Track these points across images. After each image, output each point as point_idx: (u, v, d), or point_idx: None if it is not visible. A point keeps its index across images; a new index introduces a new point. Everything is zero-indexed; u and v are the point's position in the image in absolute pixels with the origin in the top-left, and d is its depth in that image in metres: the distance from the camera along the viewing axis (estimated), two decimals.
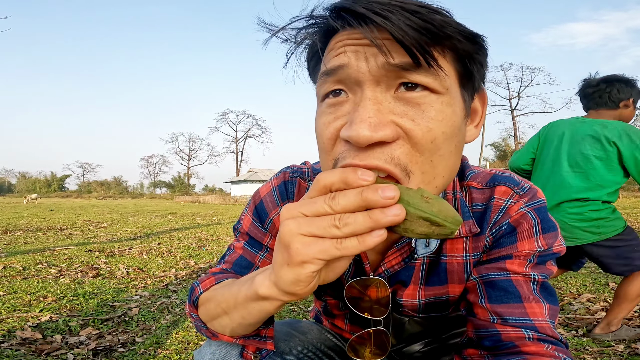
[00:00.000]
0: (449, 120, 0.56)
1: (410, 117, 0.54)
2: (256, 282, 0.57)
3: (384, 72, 0.53)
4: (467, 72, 0.59)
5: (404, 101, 0.54)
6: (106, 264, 4.76)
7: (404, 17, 0.50)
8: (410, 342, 0.91)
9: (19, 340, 2.28)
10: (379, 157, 0.53)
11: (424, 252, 0.74)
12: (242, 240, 0.87)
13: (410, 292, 0.80)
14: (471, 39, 0.56)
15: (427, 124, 0.54)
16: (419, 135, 0.54)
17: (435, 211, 0.46)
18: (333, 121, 0.57)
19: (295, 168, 0.88)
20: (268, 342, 0.74)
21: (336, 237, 0.46)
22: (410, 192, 0.47)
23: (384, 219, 0.44)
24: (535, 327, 0.67)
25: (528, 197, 0.73)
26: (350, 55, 0.55)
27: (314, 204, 0.47)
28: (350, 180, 0.46)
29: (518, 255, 0.71)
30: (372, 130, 0.51)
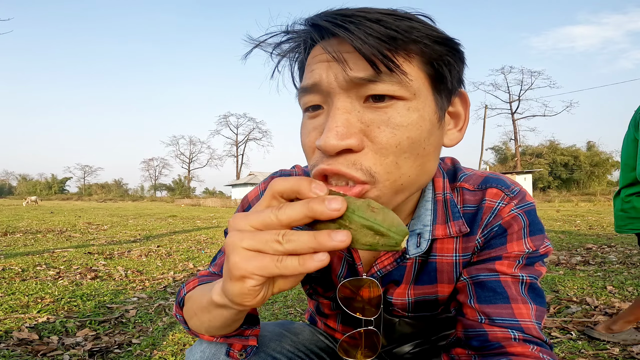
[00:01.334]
0: (415, 124, 0.58)
1: (376, 125, 0.58)
2: (214, 289, 0.58)
3: (352, 85, 0.57)
4: (439, 75, 0.61)
5: (372, 109, 0.58)
6: (105, 266, 4.76)
7: (364, 27, 0.53)
8: (400, 343, 0.92)
9: (16, 341, 2.28)
10: (343, 162, 0.57)
11: (415, 252, 0.75)
12: None
13: (400, 291, 0.81)
14: (441, 42, 0.59)
15: (392, 130, 0.57)
16: (383, 141, 0.57)
17: (379, 219, 0.45)
18: (312, 131, 0.62)
19: (284, 172, 0.89)
20: (250, 339, 0.75)
21: (277, 253, 0.44)
22: (358, 202, 0.46)
23: (328, 242, 0.43)
24: (521, 328, 0.68)
25: (518, 199, 0.74)
26: (321, 71, 0.59)
27: (261, 214, 0.47)
28: (302, 190, 0.46)
29: (507, 256, 0.72)
30: (339, 139, 0.55)
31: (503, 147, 51.06)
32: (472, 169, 0.83)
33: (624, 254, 5.20)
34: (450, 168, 0.82)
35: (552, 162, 44.48)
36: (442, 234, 0.75)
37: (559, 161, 44.23)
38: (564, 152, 45.01)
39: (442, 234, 0.75)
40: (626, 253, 5.28)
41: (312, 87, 0.60)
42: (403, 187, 0.61)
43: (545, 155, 45.48)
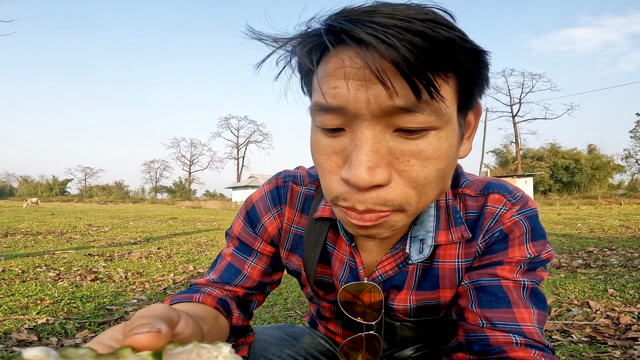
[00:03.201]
0: (444, 155, 0.56)
1: (406, 157, 0.54)
2: None
3: (386, 112, 0.51)
4: (467, 94, 0.57)
5: (402, 139, 0.54)
6: (105, 268, 4.75)
7: (409, 43, 0.46)
8: (401, 347, 0.91)
9: (15, 342, 2.27)
10: (374, 201, 0.55)
11: (417, 258, 0.75)
12: (231, 246, 0.88)
13: (402, 297, 0.80)
14: (475, 56, 0.52)
15: (422, 163, 0.55)
16: (412, 175, 0.55)
17: None
18: (332, 155, 0.57)
19: (288, 173, 0.88)
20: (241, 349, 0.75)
21: None
22: None
23: None
24: (523, 332, 0.68)
25: (520, 205, 0.74)
26: (350, 89, 0.51)
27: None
28: None
29: (509, 261, 0.72)
30: (371, 175, 0.52)
31: (504, 150, 51.05)
32: (474, 175, 0.83)
33: (625, 257, 5.19)
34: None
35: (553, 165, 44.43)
36: (445, 240, 0.75)
37: (560, 164, 44.17)
38: (565, 155, 44.96)
39: (445, 240, 0.75)
40: (627, 256, 5.27)
41: (336, 109, 0.53)
42: (424, 208, 0.62)
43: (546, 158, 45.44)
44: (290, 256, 0.86)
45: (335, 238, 0.81)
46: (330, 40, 0.51)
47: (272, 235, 0.86)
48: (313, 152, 0.61)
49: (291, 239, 0.85)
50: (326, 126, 0.56)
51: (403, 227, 0.74)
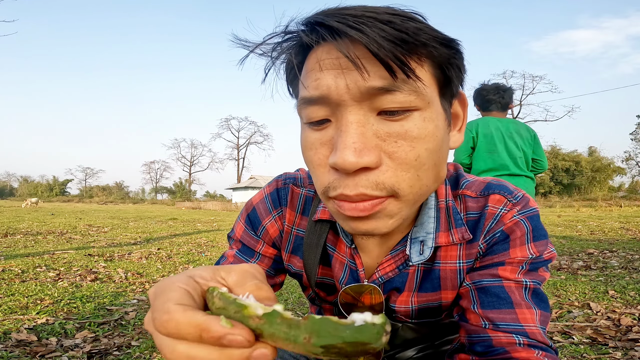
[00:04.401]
0: (431, 135, 0.57)
1: (393, 139, 0.55)
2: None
3: (367, 95, 0.53)
4: (446, 79, 0.59)
5: (387, 121, 0.55)
6: (105, 268, 4.75)
7: (377, 29, 0.49)
8: (403, 348, 0.91)
9: (14, 342, 2.27)
10: (365, 184, 0.54)
11: (418, 260, 0.74)
12: (234, 248, 0.87)
13: (403, 299, 0.80)
14: (446, 44, 0.56)
15: (410, 143, 0.55)
16: (402, 156, 0.55)
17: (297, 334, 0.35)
18: (320, 147, 0.59)
19: (288, 175, 0.88)
20: None
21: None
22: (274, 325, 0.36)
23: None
24: (525, 333, 0.67)
25: (521, 205, 0.74)
26: (329, 78, 0.54)
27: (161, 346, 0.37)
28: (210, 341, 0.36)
29: (510, 262, 0.71)
30: (357, 156, 0.52)
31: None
32: (473, 176, 0.82)
33: (626, 259, 5.18)
34: (452, 175, 0.81)
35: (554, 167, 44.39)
36: (445, 242, 0.74)
37: (560, 166, 44.13)
38: (566, 158, 44.93)
39: (445, 241, 0.74)
40: (628, 258, 5.27)
41: (319, 98, 0.55)
42: (422, 197, 0.61)
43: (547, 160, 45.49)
44: (292, 258, 0.86)
45: (335, 240, 0.81)
46: (307, 35, 0.54)
47: (273, 238, 0.85)
48: (303, 150, 0.62)
49: (292, 241, 0.85)
50: (312, 119, 0.58)
51: (402, 227, 0.73)
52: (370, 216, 0.58)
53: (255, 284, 0.41)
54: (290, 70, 0.63)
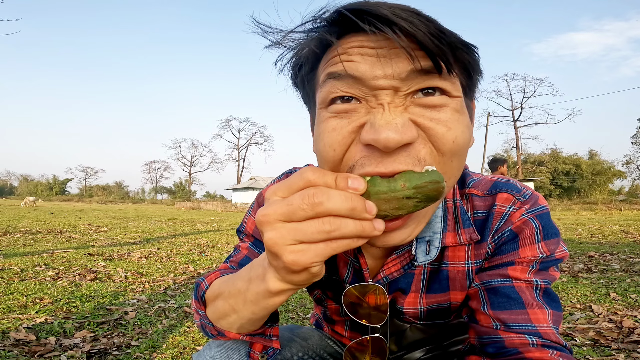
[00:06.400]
0: (463, 122, 0.57)
1: (428, 118, 0.54)
2: (268, 281, 0.55)
3: (405, 79, 0.53)
4: (470, 82, 0.60)
5: (421, 105, 0.54)
6: (105, 267, 4.74)
7: (425, 25, 0.50)
8: (411, 349, 0.90)
9: (13, 342, 2.25)
10: (404, 161, 0.53)
11: (424, 260, 0.73)
12: (247, 241, 0.87)
13: (411, 300, 0.79)
14: (470, 49, 0.56)
15: (446, 123, 0.55)
16: (439, 133, 0.54)
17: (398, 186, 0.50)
18: (346, 125, 0.56)
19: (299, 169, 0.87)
20: (274, 341, 0.72)
21: (328, 239, 0.46)
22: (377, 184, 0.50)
23: (372, 232, 0.47)
24: (538, 333, 0.66)
25: (530, 203, 0.73)
26: (367, 65, 0.53)
27: (293, 208, 0.47)
28: (340, 186, 0.48)
29: (520, 261, 0.70)
30: (400, 133, 0.51)
31: (505, 155, 51.06)
32: (480, 174, 0.81)
33: (627, 262, 5.17)
34: None
35: (554, 170, 44.45)
36: (452, 242, 0.73)
37: (560, 169, 44.19)
38: (566, 161, 44.98)
39: (452, 241, 0.73)
40: (628, 261, 5.26)
41: (353, 78, 0.54)
42: (448, 190, 0.60)
43: (547, 163, 45.47)
44: None
45: None
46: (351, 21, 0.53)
47: None
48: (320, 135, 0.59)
49: None
50: (338, 93, 0.56)
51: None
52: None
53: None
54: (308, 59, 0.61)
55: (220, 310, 0.68)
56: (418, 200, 0.49)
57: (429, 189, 0.48)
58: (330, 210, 0.45)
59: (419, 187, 0.48)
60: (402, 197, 0.49)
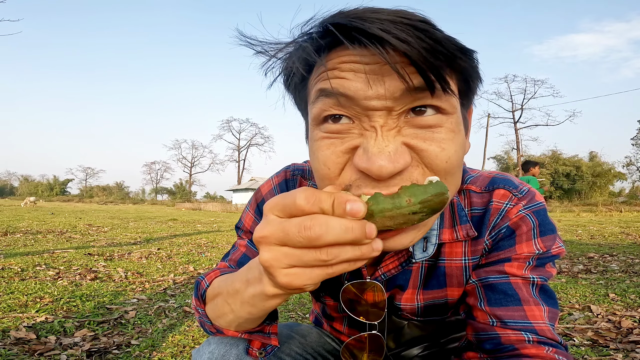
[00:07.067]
0: (457, 139, 0.56)
1: (422, 138, 0.53)
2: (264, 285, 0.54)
3: (398, 98, 0.51)
4: (468, 90, 0.60)
5: (414, 124, 0.54)
6: (105, 267, 4.74)
7: (418, 39, 0.47)
8: (409, 346, 0.90)
9: (13, 340, 2.26)
10: (399, 183, 0.52)
11: (421, 257, 0.74)
12: (245, 238, 0.87)
13: (408, 296, 0.79)
14: (468, 55, 0.55)
15: (439, 144, 0.54)
16: (432, 155, 0.54)
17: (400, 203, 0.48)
18: (340, 145, 0.55)
19: (297, 166, 0.88)
20: (272, 338, 0.73)
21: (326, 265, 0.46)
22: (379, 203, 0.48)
23: (371, 254, 0.46)
24: (535, 330, 0.67)
25: (527, 199, 0.73)
26: (358, 83, 0.52)
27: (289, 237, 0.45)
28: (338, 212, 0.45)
29: (517, 258, 0.71)
30: (393, 162, 0.50)
31: (505, 157, 50.95)
32: (478, 170, 0.81)
33: (626, 263, 5.17)
34: None
35: (554, 172, 44.33)
36: (449, 238, 0.74)
37: (561, 171, 44.07)
38: (566, 162, 44.87)
39: (449, 238, 0.74)
40: (628, 262, 5.25)
41: (344, 97, 0.52)
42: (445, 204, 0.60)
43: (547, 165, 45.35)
44: None
45: None
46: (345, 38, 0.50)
47: None
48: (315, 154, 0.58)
49: None
50: (330, 112, 0.55)
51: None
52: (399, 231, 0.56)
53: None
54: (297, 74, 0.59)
55: (218, 309, 0.68)
56: (424, 214, 0.48)
57: (434, 202, 0.47)
58: (328, 242, 0.44)
59: (425, 202, 0.47)
60: (408, 213, 0.48)
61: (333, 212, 0.44)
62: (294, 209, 0.46)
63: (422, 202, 0.47)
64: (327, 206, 0.45)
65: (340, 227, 0.43)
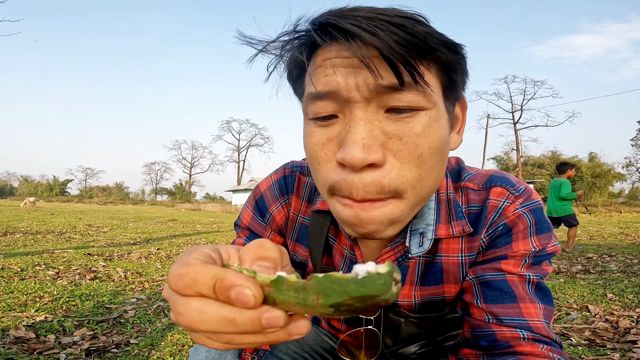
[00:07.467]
0: (435, 134, 0.58)
1: (398, 137, 0.56)
2: None
3: (375, 93, 0.54)
4: (451, 83, 0.61)
5: (393, 119, 0.56)
6: (104, 267, 4.75)
7: (390, 33, 0.50)
8: (406, 343, 0.91)
9: (12, 339, 2.27)
10: (370, 188, 0.56)
11: (417, 252, 0.74)
12: (243, 236, 0.88)
13: (406, 292, 0.80)
14: (453, 49, 0.57)
15: (414, 141, 0.56)
16: (406, 154, 0.56)
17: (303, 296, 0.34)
18: (326, 143, 0.59)
19: (295, 163, 0.88)
20: None
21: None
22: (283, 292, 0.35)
23: (287, 338, 0.36)
24: (530, 327, 0.67)
25: (524, 197, 0.73)
26: (339, 77, 0.55)
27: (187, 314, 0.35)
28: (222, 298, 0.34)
29: (513, 255, 0.71)
30: (366, 152, 0.53)
31: (505, 158, 50.94)
32: (476, 168, 0.82)
33: (625, 263, 5.18)
34: (454, 167, 0.81)
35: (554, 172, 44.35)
36: (445, 234, 0.74)
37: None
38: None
39: (445, 233, 0.74)
40: (627, 262, 5.27)
41: (328, 94, 0.56)
42: (423, 199, 0.62)
43: (547, 166, 45.37)
44: (297, 247, 0.86)
45: (336, 231, 0.81)
46: (319, 34, 0.55)
47: (279, 225, 0.86)
48: (307, 146, 0.62)
49: (297, 229, 0.85)
50: (319, 114, 0.59)
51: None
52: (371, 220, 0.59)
53: (258, 242, 0.39)
54: (295, 68, 0.64)
55: None
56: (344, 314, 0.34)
57: (356, 306, 0.33)
58: (206, 331, 0.35)
59: (339, 306, 0.32)
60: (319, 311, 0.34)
61: (215, 296, 0.34)
62: (170, 286, 0.37)
63: (336, 306, 0.32)
64: (206, 290, 0.34)
65: (218, 319, 0.34)
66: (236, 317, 0.34)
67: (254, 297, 0.33)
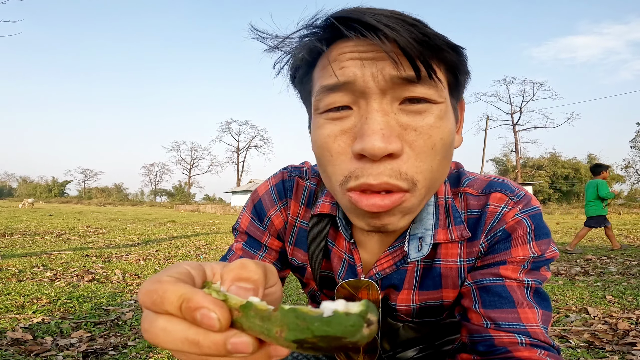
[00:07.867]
0: (446, 127, 0.60)
1: (412, 128, 0.58)
2: None
3: (391, 85, 0.56)
4: (457, 82, 0.63)
5: (407, 112, 0.58)
6: (102, 269, 4.74)
7: (408, 30, 0.53)
8: (404, 347, 0.91)
9: (9, 341, 2.26)
10: (389, 173, 0.56)
11: (416, 256, 0.74)
12: (241, 240, 0.87)
13: (404, 297, 0.80)
14: (456, 50, 0.59)
15: (427, 132, 0.58)
16: (420, 144, 0.58)
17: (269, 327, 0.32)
18: (340, 135, 0.60)
19: (294, 167, 0.88)
20: None
21: None
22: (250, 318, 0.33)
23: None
24: (527, 333, 0.67)
25: (523, 203, 0.74)
26: (356, 68, 0.57)
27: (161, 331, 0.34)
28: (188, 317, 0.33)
29: (512, 261, 0.71)
30: (386, 142, 0.54)
31: (504, 159, 51.05)
32: (476, 174, 0.82)
33: (624, 265, 5.19)
34: (453, 172, 0.81)
35: (553, 174, 44.45)
36: (444, 239, 0.74)
37: (559, 174, 44.18)
38: (565, 165, 44.99)
39: (444, 238, 0.74)
40: (626, 264, 5.27)
41: (344, 85, 0.58)
42: (432, 190, 0.63)
43: (546, 167, 45.48)
44: (295, 251, 0.86)
45: (335, 234, 0.81)
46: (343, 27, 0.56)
47: (278, 229, 0.85)
48: (317, 140, 0.62)
49: (296, 233, 0.85)
50: (333, 105, 0.59)
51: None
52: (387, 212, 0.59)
53: (241, 262, 0.37)
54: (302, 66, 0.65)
55: None
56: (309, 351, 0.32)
57: (319, 346, 0.30)
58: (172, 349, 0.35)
59: (303, 342, 0.30)
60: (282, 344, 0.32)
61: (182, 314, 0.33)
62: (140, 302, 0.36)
63: (299, 342, 0.30)
64: (173, 310, 0.33)
65: (182, 340, 0.33)
66: (200, 340, 0.33)
67: (218, 321, 0.32)
